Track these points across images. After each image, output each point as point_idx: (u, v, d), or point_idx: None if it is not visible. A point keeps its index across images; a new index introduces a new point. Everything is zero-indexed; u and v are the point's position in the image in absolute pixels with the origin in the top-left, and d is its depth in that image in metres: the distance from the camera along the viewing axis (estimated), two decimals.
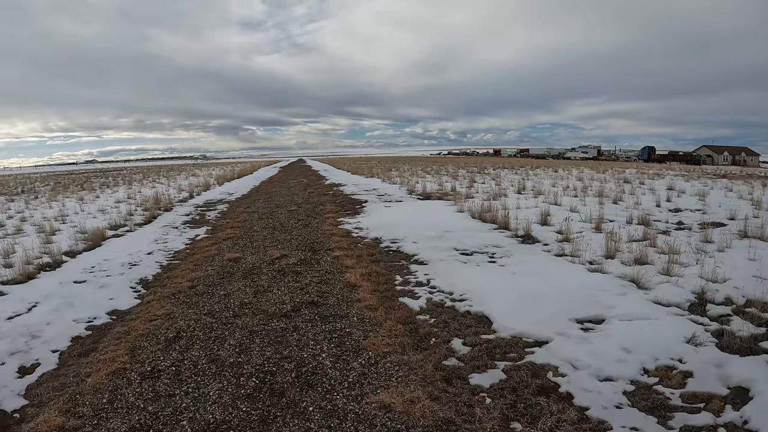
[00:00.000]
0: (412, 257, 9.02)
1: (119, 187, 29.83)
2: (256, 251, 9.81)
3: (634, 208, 14.13)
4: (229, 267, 8.56)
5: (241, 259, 9.18)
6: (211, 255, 9.57)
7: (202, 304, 6.60)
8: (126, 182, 35.56)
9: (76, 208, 17.88)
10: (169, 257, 9.70)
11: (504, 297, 6.47)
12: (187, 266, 8.73)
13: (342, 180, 30.21)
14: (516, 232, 10.79)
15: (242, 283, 7.56)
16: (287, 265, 8.57)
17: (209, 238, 11.42)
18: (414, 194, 19.99)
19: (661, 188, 20.31)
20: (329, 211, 15.48)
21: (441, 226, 11.76)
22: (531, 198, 17.19)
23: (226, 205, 18.42)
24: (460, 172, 35.58)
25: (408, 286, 7.26)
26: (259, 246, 10.32)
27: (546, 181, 25.14)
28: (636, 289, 6.67)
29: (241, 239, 11.13)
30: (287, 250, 9.83)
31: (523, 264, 8.22)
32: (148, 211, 15.91)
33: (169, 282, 7.77)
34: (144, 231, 12.81)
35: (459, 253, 9.19)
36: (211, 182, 30.78)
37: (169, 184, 30.91)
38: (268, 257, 9.20)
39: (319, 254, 9.39)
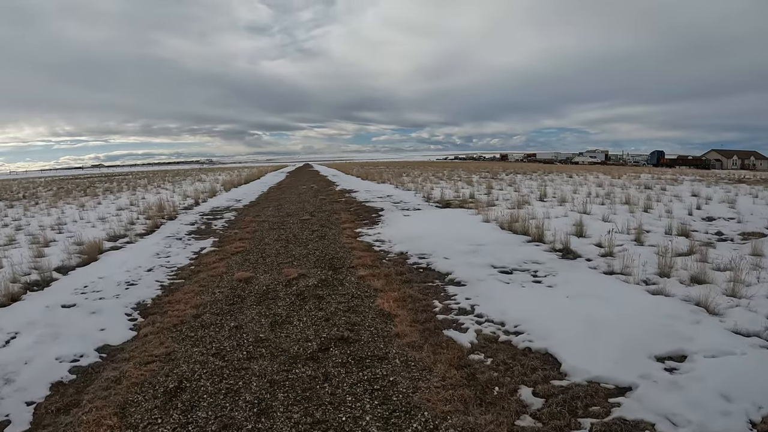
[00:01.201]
0: (447, 276, 8.01)
1: (123, 193, 28.84)
2: (270, 269, 8.74)
3: (667, 216, 13.38)
4: (239, 289, 7.47)
5: (253, 279, 8.09)
6: (218, 273, 8.48)
7: (209, 340, 5.49)
8: (130, 188, 34.53)
9: (75, 216, 16.85)
10: (171, 275, 8.61)
11: (565, 328, 5.50)
12: (191, 288, 7.65)
13: (353, 186, 29.19)
14: (553, 246, 9.81)
15: (256, 311, 6.46)
16: (306, 287, 7.49)
17: (216, 252, 10.34)
18: (431, 202, 18.94)
19: (685, 194, 19.60)
20: (345, 220, 14.43)
21: (470, 238, 10.74)
22: (557, 206, 16.19)
23: (233, 213, 17.33)
24: (474, 177, 34.66)
25: (450, 315, 6.21)
26: (272, 262, 9.24)
27: (565, 187, 24.15)
28: (707, 314, 5.83)
29: (252, 254, 10.07)
30: (305, 267, 8.75)
31: (572, 284, 7.23)
32: (150, 220, 14.85)
33: (171, 308, 6.67)
34: (145, 243, 11.75)
35: (498, 271, 8.19)
36: (218, 188, 29.66)
37: (174, 190, 29.90)
38: (283, 277, 8.11)
39: (341, 273, 8.33)
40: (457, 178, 33.88)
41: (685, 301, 6.31)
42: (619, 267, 7.98)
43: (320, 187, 29.36)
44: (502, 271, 8.17)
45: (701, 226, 11.94)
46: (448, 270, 8.29)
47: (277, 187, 31.40)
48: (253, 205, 20.06)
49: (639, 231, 10.65)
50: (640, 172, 43.22)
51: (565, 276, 7.69)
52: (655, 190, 21.78)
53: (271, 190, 29.37)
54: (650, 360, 4.70)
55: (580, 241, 10.18)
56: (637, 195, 19.08)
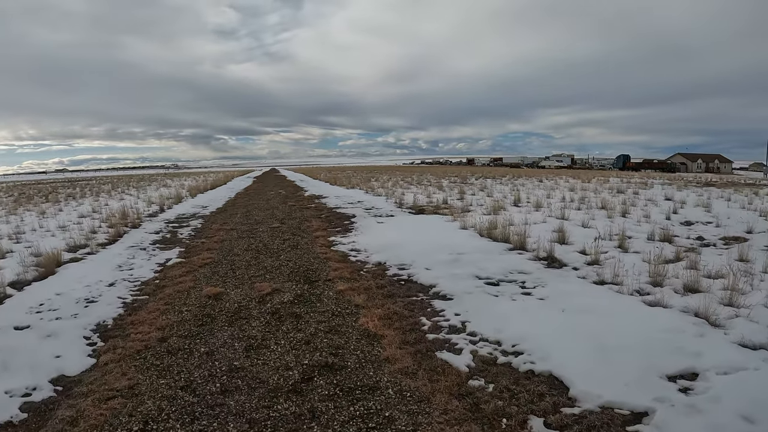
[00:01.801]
0: (431, 289, 7.56)
1: (85, 199, 27.72)
2: (241, 283, 8.13)
3: (646, 221, 13.38)
4: (209, 307, 6.84)
5: (224, 295, 7.47)
6: (185, 289, 7.83)
7: (178, 369, 4.87)
8: (93, 193, 33.32)
9: (35, 224, 15.83)
10: (134, 291, 7.93)
11: (566, 346, 5.13)
12: (156, 305, 7.00)
13: (322, 191, 28.58)
14: (537, 254, 9.48)
15: (228, 333, 5.85)
16: (282, 304, 6.91)
17: (182, 264, 9.67)
18: (404, 208, 18.49)
19: (659, 198, 19.80)
20: (316, 228, 13.87)
21: (450, 246, 10.34)
22: (533, 211, 15.97)
23: (200, 221, 16.58)
24: (444, 182, 34.46)
25: (441, 333, 5.75)
26: (243, 275, 8.64)
27: (537, 191, 24.05)
28: (709, 327, 5.60)
29: (221, 265, 9.45)
30: (278, 281, 8.17)
31: (565, 296, 6.86)
32: (113, 228, 14.01)
33: (134, 330, 6.01)
34: (107, 253, 11.01)
35: (484, 282, 7.79)
36: (184, 194, 28.66)
37: (138, 196, 28.90)
38: (256, 292, 7.51)
39: (318, 287, 7.78)
40: (427, 183, 33.66)
41: (684, 313, 6.06)
42: (610, 276, 7.73)
43: (288, 193, 28.66)
44: (488, 282, 7.78)
45: (681, 230, 11.88)
46: (431, 282, 7.86)
47: (244, 193, 30.59)
48: (220, 212, 19.31)
49: (622, 237, 10.50)
50: (608, 176, 43.68)
51: (556, 287, 7.35)
52: (628, 194, 21.94)
53: (238, 195, 28.55)
54: (662, 380, 4.39)
55: (564, 248, 9.88)
56: (612, 199, 19.11)
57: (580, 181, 33.21)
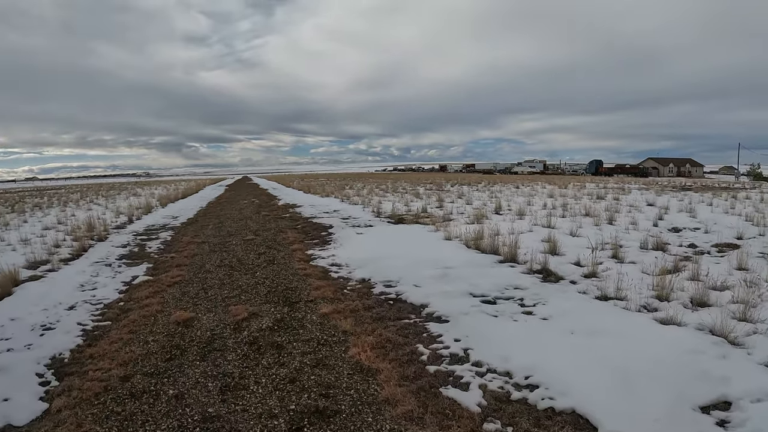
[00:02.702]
0: (423, 310, 6.94)
1: (52, 209, 26.57)
2: (213, 306, 7.36)
3: (634, 228, 13.09)
4: (178, 336, 6.08)
5: (195, 321, 6.68)
6: (152, 313, 7.05)
7: (142, 419, 4.12)
8: (61, 203, 32.12)
9: None
10: (96, 315, 7.14)
11: (585, 376, 4.59)
12: (119, 334, 6.23)
13: (296, 200, 27.79)
14: (530, 267, 8.93)
15: (200, 369, 5.10)
16: (260, 331, 6.17)
17: (150, 283, 8.87)
18: (383, 217, 17.80)
19: (640, 204, 19.57)
20: (293, 240, 13.14)
21: (436, 259, 9.74)
22: (517, 220, 15.49)
23: (170, 233, 15.71)
24: (419, 189, 33.93)
25: (443, 364, 5.13)
26: (215, 296, 7.88)
27: (517, 198, 23.66)
28: (729, 346, 5.20)
29: (192, 284, 8.68)
30: (255, 303, 7.43)
31: (569, 315, 6.33)
32: (78, 242, 13.12)
33: (93, 366, 5.24)
34: (70, 270, 10.15)
35: (479, 300, 7.20)
36: (154, 203, 27.59)
37: (106, 206, 27.80)
38: (231, 317, 6.75)
39: (300, 310, 7.05)
40: (402, 191, 33.06)
41: (699, 331, 5.68)
42: (612, 291, 7.21)
43: (262, 202, 27.78)
44: (484, 300, 7.21)
45: (671, 238, 11.61)
46: (423, 302, 7.25)
47: (216, 202, 29.61)
48: (191, 223, 18.41)
49: (615, 247, 10.09)
50: (583, 181, 43.62)
51: (558, 305, 6.80)
52: (608, 200, 21.68)
53: (210, 205, 27.56)
54: (695, 413, 4.00)
55: (557, 260, 9.39)
56: (594, 206, 18.78)
57: (557, 187, 33.00)
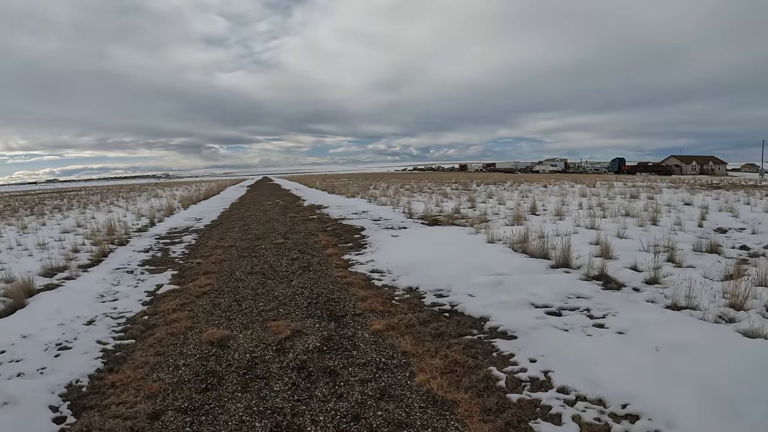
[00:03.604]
0: (484, 323, 6.17)
1: (72, 212, 26.06)
2: (250, 321, 6.55)
3: (680, 229, 12.21)
4: (213, 360, 5.28)
5: (230, 340, 5.88)
6: (181, 330, 6.27)
7: None
8: (81, 205, 31.68)
9: (13, 241, 14.18)
10: (117, 332, 6.40)
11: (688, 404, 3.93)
12: (144, 356, 5.46)
13: (321, 201, 27.06)
14: (587, 273, 8.08)
15: (243, 403, 4.28)
16: (307, 353, 5.37)
17: (176, 294, 8.12)
18: (415, 218, 16.97)
19: (677, 203, 18.57)
20: (326, 243, 12.38)
21: (485, 265, 8.90)
22: (557, 221, 14.58)
23: (194, 236, 15.02)
24: (446, 189, 33.02)
25: (524, 391, 4.36)
26: (251, 310, 7.07)
27: (550, 198, 22.65)
28: None
29: (223, 295, 7.90)
30: (296, 318, 6.62)
31: (646, 329, 5.57)
32: (97, 246, 12.45)
33: (115, 399, 4.46)
34: (89, 278, 9.44)
35: (543, 311, 6.44)
36: (176, 205, 26.91)
37: (127, 208, 27.25)
38: (271, 335, 5.93)
39: (348, 325, 6.25)
40: (429, 191, 32.23)
41: None
42: (683, 299, 6.49)
43: (286, 203, 27.07)
44: (548, 311, 6.43)
45: (721, 239, 10.67)
46: (482, 314, 6.48)
47: (239, 203, 28.96)
48: (215, 226, 17.72)
49: (669, 249, 9.33)
50: (610, 180, 42.54)
51: (629, 316, 6.02)
52: (643, 200, 20.70)
53: (233, 206, 26.91)
54: None
55: (612, 264, 8.52)
56: (631, 206, 17.78)
57: (586, 186, 31.98)
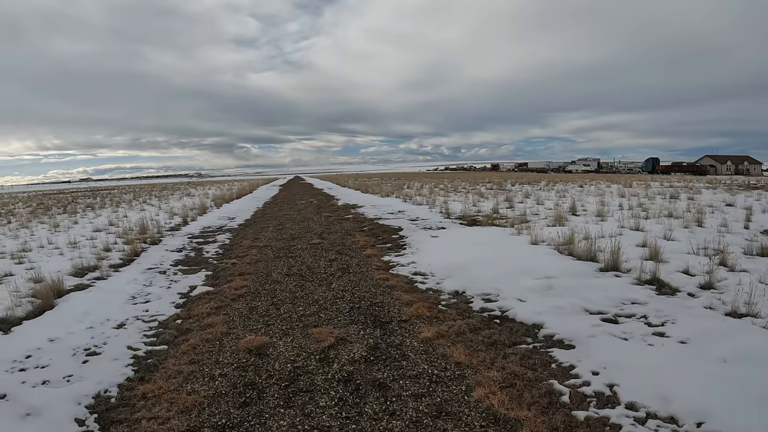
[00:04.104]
0: (538, 331, 5.74)
1: (104, 210, 26.11)
2: (290, 327, 6.14)
3: (726, 231, 11.51)
4: (252, 370, 4.87)
5: (270, 348, 5.47)
6: (216, 336, 5.90)
7: None
8: (113, 204, 31.81)
9: (44, 240, 14.06)
10: (149, 336, 6.07)
11: None
12: (178, 364, 5.09)
13: (355, 200, 26.67)
14: (638, 277, 7.52)
15: (286, 421, 3.85)
16: (353, 363, 4.94)
17: (211, 296, 7.77)
18: (453, 218, 16.43)
19: (718, 204, 17.61)
20: (363, 243, 11.97)
21: (531, 268, 8.39)
22: (600, 221, 13.89)
23: (228, 236, 14.75)
24: (481, 189, 32.39)
25: (590, 408, 3.94)
26: (290, 314, 6.66)
27: (588, 198, 21.89)
28: None
29: (259, 298, 7.52)
30: (339, 324, 6.20)
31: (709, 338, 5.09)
32: (129, 245, 12.20)
33: (147, 413, 4.06)
34: (120, 279, 9.17)
35: (599, 318, 5.97)
36: (208, 204, 26.81)
37: (160, 207, 27.24)
38: (313, 344, 5.51)
39: (395, 332, 5.81)
40: (463, 190, 31.65)
41: None
42: (742, 306, 5.97)
43: (320, 202, 26.77)
44: (604, 318, 5.96)
45: None
46: (535, 320, 6.03)
47: (272, 203, 28.75)
48: (249, 225, 17.46)
49: (719, 252, 8.80)
50: (643, 180, 41.52)
51: (689, 324, 5.54)
52: (683, 200, 19.85)
53: (266, 205, 26.69)
54: None
55: (663, 268, 7.90)
56: (673, 206, 16.94)
57: (622, 186, 31.05)
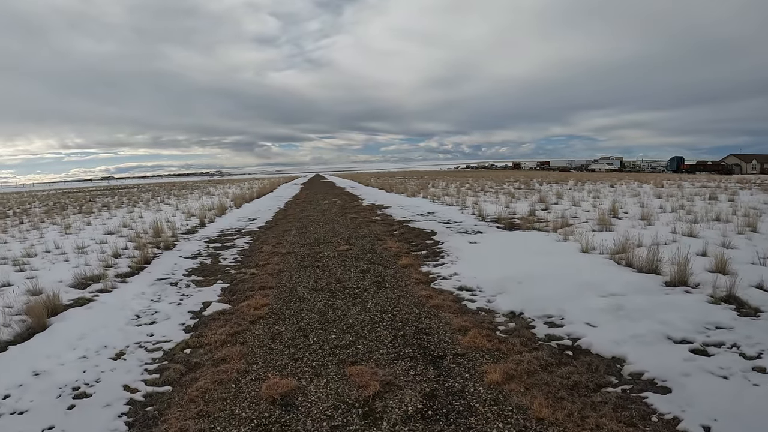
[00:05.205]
0: (621, 366, 4.71)
1: (120, 210, 25.22)
2: (322, 365, 4.96)
3: None
4: (277, 428, 3.77)
5: (299, 396, 4.30)
6: (231, 375, 4.76)
7: None
8: (131, 203, 30.97)
9: (51, 244, 13.03)
10: (151, 372, 4.99)
11: None
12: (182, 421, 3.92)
13: (380, 200, 25.57)
14: (713, 294, 6.48)
15: None
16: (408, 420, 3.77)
17: (227, 317, 6.66)
18: (488, 221, 15.22)
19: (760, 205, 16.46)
20: (396, 251, 10.81)
21: (591, 282, 7.36)
22: (647, 226, 12.66)
23: (247, 240, 13.69)
24: (509, 188, 31.13)
25: None
26: (321, 345, 5.50)
27: (626, 199, 20.51)
28: None
29: (284, 321, 6.38)
30: (382, 360, 5.02)
31: None
32: (140, 251, 11.17)
33: None
34: (126, 291, 8.13)
35: (687, 348, 4.91)
36: (227, 204, 25.79)
37: (177, 207, 26.26)
38: (354, 390, 4.34)
39: (452, 372, 4.65)
40: (491, 190, 30.40)
41: None
42: None
43: (344, 202, 25.65)
44: (692, 349, 4.89)
45: None
46: (614, 352, 4.97)
47: (294, 202, 27.66)
48: (270, 228, 16.35)
49: None
50: (673, 180, 40.09)
51: None
52: (723, 201, 18.57)
53: (288, 206, 25.58)
54: None
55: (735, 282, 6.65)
56: (715, 208, 15.72)
57: (654, 186, 29.54)
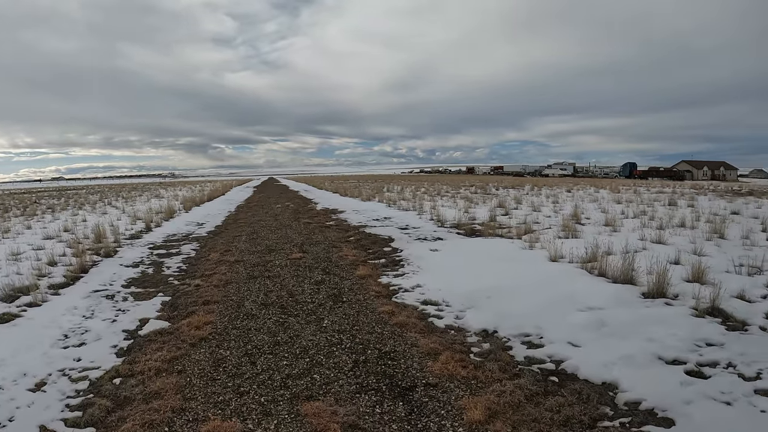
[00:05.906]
0: (615, 395, 4.24)
1: (65, 213, 23.89)
2: (272, 400, 4.23)
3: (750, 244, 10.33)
4: None
5: None
6: (164, 417, 3.97)
7: None
8: (77, 205, 29.56)
9: None
10: (72, 409, 4.17)
11: None
12: None
13: (334, 204, 24.85)
14: (696, 306, 6.16)
15: None
16: None
17: (165, 338, 5.86)
18: (448, 226, 14.71)
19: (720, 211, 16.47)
20: (353, 259, 10.16)
21: (566, 294, 6.88)
22: (614, 233, 12.33)
23: (194, 246, 12.82)
24: (466, 192, 30.78)
25: None
26: (271, 375, 4.76)
27: (587, 205, 20.30)
28: None
29: (229, 344, 5.63)
30: (341, 392, 4.34)
31: None
32: (79, 258, 10.31)
33: None
34: (56, 306, 7.28)
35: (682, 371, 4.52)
36: (177, 207, 24.61)
37: (124, 209, 25.02)
38: None
39: (425, 408, 4.01)
40: (447, 194, 29.96)
41: None
42: None
43: (297, 206, 24.79)
44: (687, 371, 4.50)
45: None
46: (605, 377, 4.50)
47: (246, 206, 26.63)
48: (219, 233, 15.43)
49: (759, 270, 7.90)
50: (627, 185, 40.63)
51: None
52: (682, 207, 18.56)
53: (239, 209, 24.55)
54: None
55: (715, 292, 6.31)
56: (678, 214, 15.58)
57: (611, 191, 29.62)
